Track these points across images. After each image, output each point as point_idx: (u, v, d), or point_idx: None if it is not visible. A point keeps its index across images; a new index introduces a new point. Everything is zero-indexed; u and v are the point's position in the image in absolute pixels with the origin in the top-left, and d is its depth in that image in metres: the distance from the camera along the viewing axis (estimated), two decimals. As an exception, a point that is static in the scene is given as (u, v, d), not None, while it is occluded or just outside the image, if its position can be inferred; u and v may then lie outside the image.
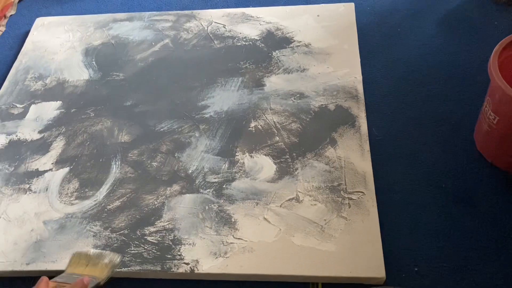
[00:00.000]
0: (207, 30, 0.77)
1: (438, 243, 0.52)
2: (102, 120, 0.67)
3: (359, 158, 0.58)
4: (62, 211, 0.58)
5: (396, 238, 0.53)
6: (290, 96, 0.66)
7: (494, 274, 0.50)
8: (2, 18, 0.85)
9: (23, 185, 0.61)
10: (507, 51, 0.53)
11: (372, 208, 0.54)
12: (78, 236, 0.55)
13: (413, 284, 0.49)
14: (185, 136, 0.63)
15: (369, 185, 0.56)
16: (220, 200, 0.56)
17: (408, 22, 0.75)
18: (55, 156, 0.64)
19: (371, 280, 0.49)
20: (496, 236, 0.52)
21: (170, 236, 0.54)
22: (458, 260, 0.51)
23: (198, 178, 0.59)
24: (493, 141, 0.55)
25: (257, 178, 0.58)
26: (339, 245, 0.51)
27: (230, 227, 0.54)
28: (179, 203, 0.57)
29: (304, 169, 0.58)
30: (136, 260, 0.52)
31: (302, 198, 0.55)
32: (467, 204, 0.55)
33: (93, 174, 0.61)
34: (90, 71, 0.74)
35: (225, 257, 0.52)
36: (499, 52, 0.52)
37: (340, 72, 0.68)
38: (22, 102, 0.71)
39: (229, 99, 0.67)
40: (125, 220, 0.56)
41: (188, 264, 0.51)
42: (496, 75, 0.50)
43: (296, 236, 0.52)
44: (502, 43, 0.53)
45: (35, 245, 0.55)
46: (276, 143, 0.61)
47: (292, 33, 0.74)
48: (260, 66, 0.70)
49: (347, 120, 0.62)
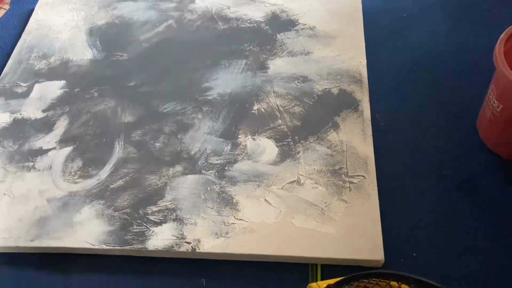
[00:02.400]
0: (212, 11, 0.77)
1: (437, 229, 0.53)
2: (105, 100, 0.67)
3: (361, 142, 0.58)
4: (65, 189, 0.58)
5: (396, 223, 0.53)
6: (293, 80, 0.66)
7: (493, 260, 0.50)
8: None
9: (27, 163, 0.61)
10: None
11: (373, 192, 0.54)
12: (81, 214, 0.56)
13: (412, 269, 0.50)
14: (188, 118, 0.64)
15: (370, 169, 0.56)
16: (222, 182, 0.57)
17: (414, 8, 0.74)
18: (59, 135, 0.64)
19: (370, 262, 0.50)
20: (496, 222, 0.53)
21: (172, 216, 0.54)
22: (456, 246, 0.51)
23: (200, 159, 0.59)
24: (496, 129, 0.55)
25: (259, 160, 0.58)
26: (339, 228, 0.52)
27: (231, 208, 0.54)
28: (182, 183, 0.57)
29: (306, 152, 0.58)
30: (139, 239, 0.53)
31: (303, 181, 0.56)
32: (468, 191, 0.55)
33: (96, 154, 0.61)
34: (94, 51, 0.73)
35: (226, 237, 0.52)
36: (505, 40, 0.51)
37: (345, 56, 0.67)
38: (26, 81, 0.71)
39: (233, 81, 0.67)
40: (127, 199, 0.57)
41: (189, 243, 0.52)
42: (501, 63, 0.50)
43: (296, 218, 0.53)
44: (508, 31, 0.52)
45: (39, 222, 0.56)
46: (278, 126, 0.61)
47: (297, 15, 0.74)
48: (264, 48, 0.70)
49: (350, 104, 0.62)
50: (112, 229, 0.54)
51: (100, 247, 0.53)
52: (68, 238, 0.54)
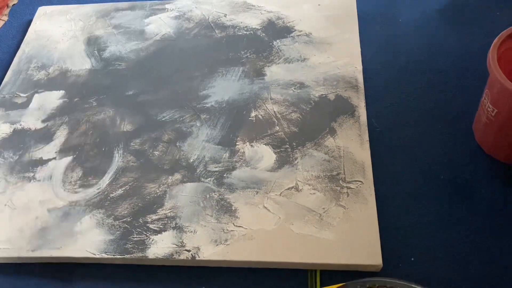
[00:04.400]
0: (208, 19, 0.77)
1: (435, 234, 0.53)
2: (104, 109, 0.68)
3: (358, 147, 0.59)
4: (66, 199, 0.59)
5: (393, 228, 0.53)
6: (290, 86, 0.66)
7: (492, 263, 0.50)
8: (5, 8, 0.85)
9: (28, 174, 0.62)
10: (507, 44, 0.53)
11: (370, 197, 0.55)
12: (82, 224, 0.56)
13: (410, 274, 0.50)
14: (186, 126, 0.64)
15: (367, 175, 0.56)
16: (221, 189, 0.57)
17: (409, 12, 0.75)
18: (59, 145, 0.64)
19: (368, 267, 0.50)
20: (494, 226, 0.53)
21: (172, 224, 0.55)
22: (454, 251, 0.52)
23: (199, 167, 0.60)
24: (492, 133, 0.56)
25: (257, 167, 0.59)
26: (337, 233, 0.52)
27: (230, 215, 0.55)
28: (181, 191, 0.58)
29: (304, 158, 0.59)
30: (139, 247, 0.54)
31: (301, 187, 0.56)
32: (465, 195, 0.55)
33: (96, 163, 0.62)
34: (92, 61, 0.74)
35: (225, 244, 0.53)
36: (499, 45, 0.52)
37: (340, 62, 0.68)
38: (25, 91, 0.72)
39: (230, 88, 0.67)
40: (127, 208, 0.57)
41: (189, 251, 0.53)
42: (495, 68, 0.50)
43: (295, 224, 0.53)
44: (501, 36, 0.52)
45: (40, 232, 0.57)
46: (276, 132, 0.62)
47: (293, 22, 0.74)
48: (261, 55, 0.71)
49: (346, 110, 0.63)
50: (113, 238, 0.55)
51: (101, 256, 0.54)
52: (69, 248, 0.55)
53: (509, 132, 0.54)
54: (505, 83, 0.49)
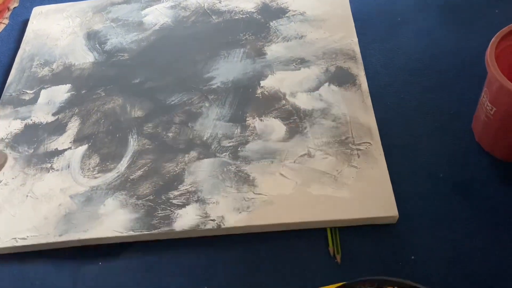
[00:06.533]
0: (204, 6, 0.80)
1: (435, 232, 0.53)
2: (113, 98, 0.69)
3: (363, 112, 0.62)
4: (86, 184, 0.61)
5: (393, 226, 0.54)
6: (291, 62, 0.69)
7: (492, 262, 0.50)
8: (6, 11, 0.86)
9: (45, 165, 0.63)
10: (505, 42, 0.52)
11: (380, 157, 0.58)
12: (106, 206, 0.58)
13: (410, 272, 0.50)
14: (195, 107, 0.66)
15: (374, 136, 0.60)
16: (237, 162, 0.60)
17: (408, 11, 0.75)
18: (72, 135, 0.66)
19: (385, 219, 0.54)
20: (494, 224, 0.53)
21: (194, 198, 0.57)
22: (454, 249, 0.51)
23: (213, 143, 0.62)
24: (491, 132, 0.55)
25: (269, 139, 0.62)
26: (352, 191, 0.55)
27: (249, 185, 0.58)
28: (199, 167, 0.60)
29: (313, 127, 0.62)
30: (165, 222, 0.56)
31: (314, 153, 0.59)
32: (465, 193, 0.55)
33: (112, 149, 0.64)
34: (95, 54, 0.76)
35: (248, 211, 0.55)
36: (497, 43, 0.51)
37: (336, 36, 0.71)
38: (31, 88, 0.73)
39: (234, 69, 0.70)
40: (149, 187, 0.59)
41: (214, 220, 0.55)
42: (493, 67, 0.49)
43: (312, 187, 0.56)
44: (499, 34, 0.52)
45: (65, 218, 0.58)
46: (283, 106, 0.65)
47: (286, 3, 0.77)
48: (260, 36, 0.74)
49: (348, 80, 0.66)
50: (138, 216, 0.57)
51: (128, 234, 0.56)
52: (95, 229, 0.57)
53: (507, 130, 0.53)
54: (503, 82, 0.48)
